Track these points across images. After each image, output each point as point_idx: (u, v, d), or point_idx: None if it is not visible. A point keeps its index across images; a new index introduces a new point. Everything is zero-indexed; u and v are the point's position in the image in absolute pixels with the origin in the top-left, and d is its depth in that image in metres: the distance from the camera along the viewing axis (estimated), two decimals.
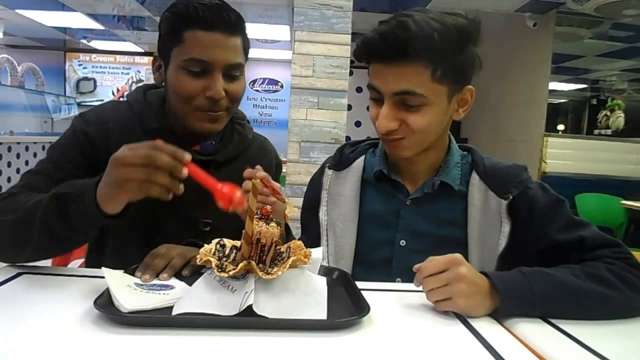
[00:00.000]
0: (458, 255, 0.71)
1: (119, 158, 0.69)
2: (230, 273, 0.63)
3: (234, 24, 0.91)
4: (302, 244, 0.71)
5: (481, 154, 0.98)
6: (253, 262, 0.65)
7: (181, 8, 0.89)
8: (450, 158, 0.95)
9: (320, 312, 0.65)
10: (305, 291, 0.67)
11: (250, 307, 0.61)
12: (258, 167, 0.83)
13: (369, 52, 0.85)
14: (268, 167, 1.14)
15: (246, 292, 0.63)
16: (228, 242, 0.72)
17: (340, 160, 1.03)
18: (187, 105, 0.92)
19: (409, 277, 0.91)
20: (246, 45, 0.97)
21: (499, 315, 0.70)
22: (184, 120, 0.95)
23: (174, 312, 0.63)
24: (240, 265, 0.63)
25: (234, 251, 0.71)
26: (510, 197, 0.88)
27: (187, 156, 0.70)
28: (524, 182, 0.90)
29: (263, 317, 0.61)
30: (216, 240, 0.71)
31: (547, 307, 0.70)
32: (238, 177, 0.87)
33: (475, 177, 0.93)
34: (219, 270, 0.64)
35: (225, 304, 0.62)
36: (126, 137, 0.95)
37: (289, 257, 0.68)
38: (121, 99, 1.07)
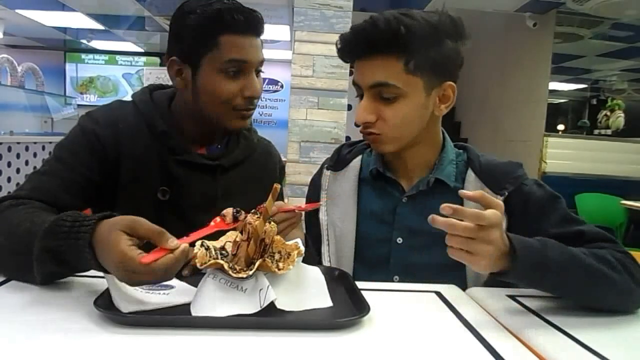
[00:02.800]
0: (499, 216, 0.66)
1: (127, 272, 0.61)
2: (250, 273, 0.64)
3: (261, 25, 0.95)
4: (282, 239, 0.73)
5: (477, 151, 0.99)
6: (268, 260, 0.66)
7: (212, 13, 0.89)
8: (445, 155, 0.96)
9: (324, 300, 0.68)
10: (307, 282, 0.70)
11: (267, 303, 0.62)
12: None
13: (345, 49, 0.90)
14: (273, 171, 1.15)
15: (261, 289, 0.63)
16: (210, 244, 0.71)
17: (337, 161, 1.04)
18: (225, 106, 0.94)
19: (406, 274, 0.92)
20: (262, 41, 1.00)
21: (512, 276, 0.68)
22: (217, 120, 0.96)
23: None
24: (257, 263, 0.64)
25: (223, 251, 0.71)
26: (506, 193, 0.88)
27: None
28: (519, 179, 0.91)
29: (265, 317, 0.62)
30: (199, 243, 0.70)
31: (559, 275, 0.70)
32: (243, 181, 0.87)
33: (471, 175, 0.94)
34: (235, 272, 0.64)
35: (245, 303, 0.63)
36: (135, 138, 0.96)
37: (288, 253, 0.69)
38: (124, 99, 1.06)
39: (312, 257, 0.96)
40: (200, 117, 0.97)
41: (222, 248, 0.71)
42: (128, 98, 1.05)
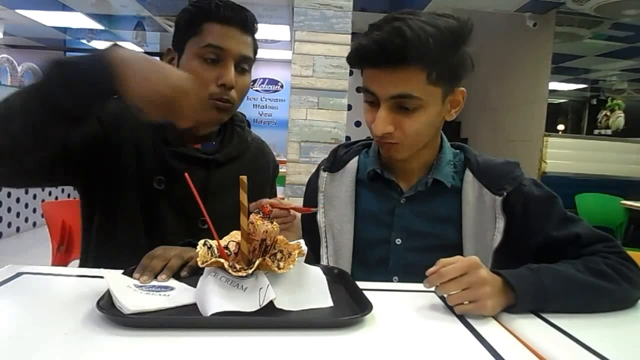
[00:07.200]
0: (475, 259, 0.71)
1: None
2: (249, 271, 0.64)
3: (250, 24, 0.98)
4: (285, 239, 0.73)
5: (473, 151, 0.99)
6: (268, 259, 0.66)
7: (203, 3, 0.95)
8: (443, 156, 0.96)
9: (325, 300, 0.69)
10: (308, 282, 0.70)
11: (266, 302, 0.62)
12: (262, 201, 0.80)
13: (364, 58, 0.85)
14: (266, 169, 1.17)
15: (261, 288, 0.63)
16: (213, 243, 0.72)
17: (334, 162, 1.03)
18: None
19: (405, 275, 0.93)
20: (256, 46, 1.03)
21: (515, 311, 0.71)
22: None
23: (208, 314, 0.62)
24: (256, 262, 0.64)
25: (227, 250, 0.71)
26: (505, 194, 0.89)
27: None
28: (517, 179, 0.91)
29: (267, 316, 0.62)
30: (201, 242, 0.71)
31: (557, 301, 0.72)
32: (235, 177, 0.86)
33: (469, 175, 0.94)
34: (234, 270, 0.64)
35: (244, 302, 0.63)
36: (138, 126, 0.99)
37: (290, 252, 0.69)
38: None
39: (311, 260, 0.96)
40: None
41: (226, 247, 0.72)
42: None
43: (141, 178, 0.98)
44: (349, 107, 2.95)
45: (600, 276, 0.75)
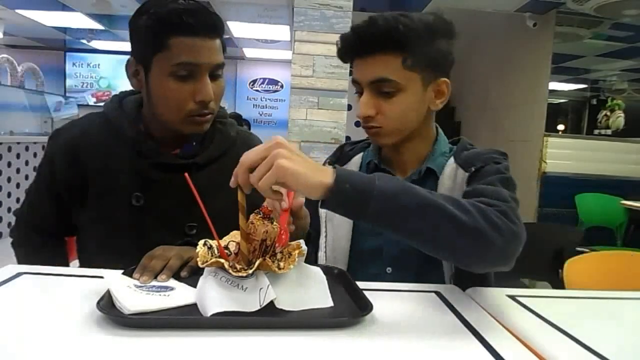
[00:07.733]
0: (278, 137, 0.65)
1: None
2: (250, 272, 0.64)
3: (216, 27, 0.92)
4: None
5: (468, 144, 1.00)
6: (269, 259, 0.66)
7: (163, 14, 0.87)
8: (437, 147, 0.99)
9: (325, 300, 0.69)
10: (308, 282, 0.70)
11: (267, 302, 0.62)
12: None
13: (346, 48, 0.94)
14: None
15: (261, 289, 0.64)
16: (213, 243, 0.72)
17: (340, 157, 1.08)
18: (177, 112, 0.92)
19: (398, 266, 0.95)
20: (224, 45, 0.97)
21: (333, 200, 0.63)
22: (172, 126, 0.95)
23: (209, 314, 0.62)
24: (257, 262, 0.64)
25: (227, 250, 0.71)
26: (473, 169, 0.90)
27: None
28: (489, 159, 0.91)
29: (267, 316, 0.62)
30: (202, 242, 0.71)
31: (384, 204, 0.64)
32: (221, 177, 0.85)
33: (451, 159, 0.97)
34: (235, 270, 0.64)
35: (245, 302, 0.63)
36: (102, 150, 0.99)
37: (290, 253, 0.69)
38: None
39: (310, 252, 0.97)
40: (156, 121, 0.97)
41: (226, 247, 0.72)
42: None
43: (119, 198, 0.97)
44: (349, 107, 2.95)
45: (451, 203, 0.67)
